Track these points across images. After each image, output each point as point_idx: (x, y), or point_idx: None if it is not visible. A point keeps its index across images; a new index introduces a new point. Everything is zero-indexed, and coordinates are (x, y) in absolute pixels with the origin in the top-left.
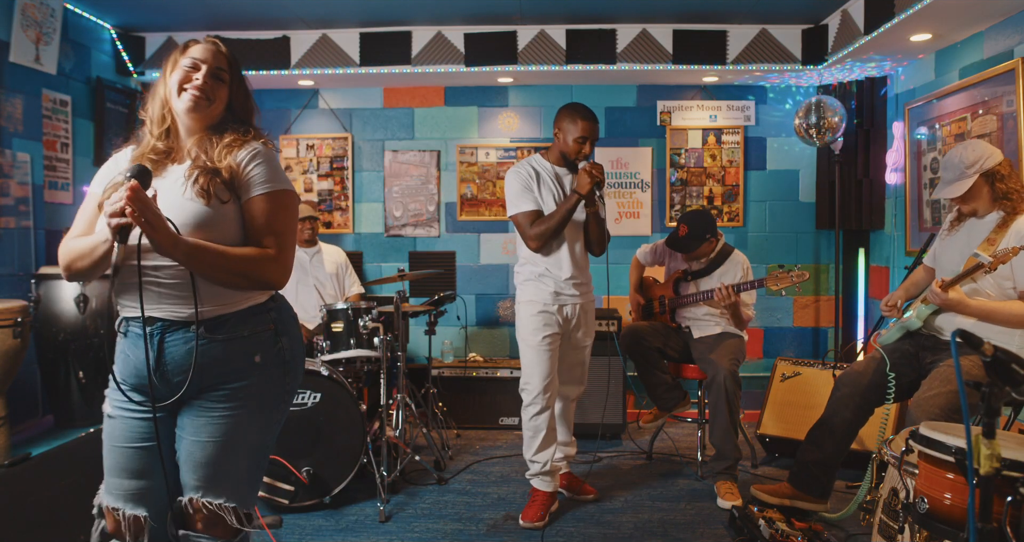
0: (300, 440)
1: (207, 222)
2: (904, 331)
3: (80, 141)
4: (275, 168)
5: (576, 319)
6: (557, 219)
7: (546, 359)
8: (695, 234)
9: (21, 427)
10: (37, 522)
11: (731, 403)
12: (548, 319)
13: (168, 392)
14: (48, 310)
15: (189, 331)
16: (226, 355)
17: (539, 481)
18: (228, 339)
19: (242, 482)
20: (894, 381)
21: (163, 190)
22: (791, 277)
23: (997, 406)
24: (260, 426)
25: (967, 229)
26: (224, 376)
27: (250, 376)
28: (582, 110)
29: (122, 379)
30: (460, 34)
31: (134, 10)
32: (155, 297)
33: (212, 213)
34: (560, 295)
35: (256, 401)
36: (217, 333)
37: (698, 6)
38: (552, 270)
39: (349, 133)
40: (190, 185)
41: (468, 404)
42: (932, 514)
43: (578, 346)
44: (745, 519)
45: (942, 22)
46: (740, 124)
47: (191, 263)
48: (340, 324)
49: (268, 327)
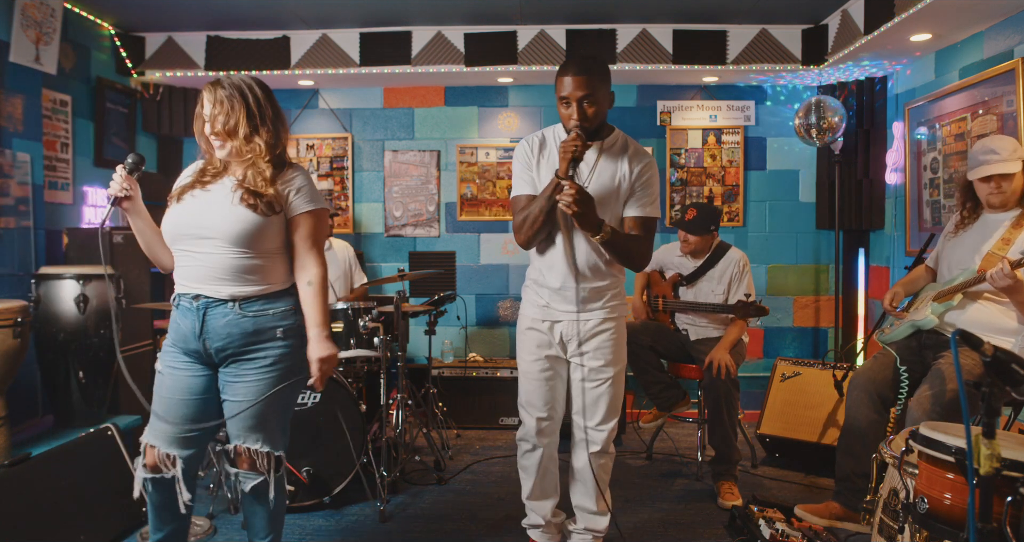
0: (300, 440)
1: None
2: (915, 329)
3: (80, 141)
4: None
5: (578, 341)
6: (533, 208)
7: (539, 387)
8: (701, 220)
9: (21, 427)
10: (37, 522)
11: (729, 405)
12: (540, 338)
13: (209, 357)
14: (48, 310)
15: (227, 306)
16: (255, 328)
17: (536, 534)
18: (257, 316)
19: (276, 431)
20: (907, 377)
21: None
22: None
23: (997, 406)
24: (286, 385)
25: (979, 227)
26: (254, 346)
27: (275, 346)
28: (565, 63)
29: (172, 343)
30: (460, 34)
31: (134, 10)
32: (202, 277)
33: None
34: (550, 309)
35: (283, 368)
36: (247, 309)
37: (698, 6)
38: (545, 275)
39: (349, 133)
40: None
41: (468, 404)
42: (932, 514)
43: (587, 379)
44: (745, 519)
45: (942, 22)
46: (740, 124)
47: None
48: (340, 324)
49: (290, 307)
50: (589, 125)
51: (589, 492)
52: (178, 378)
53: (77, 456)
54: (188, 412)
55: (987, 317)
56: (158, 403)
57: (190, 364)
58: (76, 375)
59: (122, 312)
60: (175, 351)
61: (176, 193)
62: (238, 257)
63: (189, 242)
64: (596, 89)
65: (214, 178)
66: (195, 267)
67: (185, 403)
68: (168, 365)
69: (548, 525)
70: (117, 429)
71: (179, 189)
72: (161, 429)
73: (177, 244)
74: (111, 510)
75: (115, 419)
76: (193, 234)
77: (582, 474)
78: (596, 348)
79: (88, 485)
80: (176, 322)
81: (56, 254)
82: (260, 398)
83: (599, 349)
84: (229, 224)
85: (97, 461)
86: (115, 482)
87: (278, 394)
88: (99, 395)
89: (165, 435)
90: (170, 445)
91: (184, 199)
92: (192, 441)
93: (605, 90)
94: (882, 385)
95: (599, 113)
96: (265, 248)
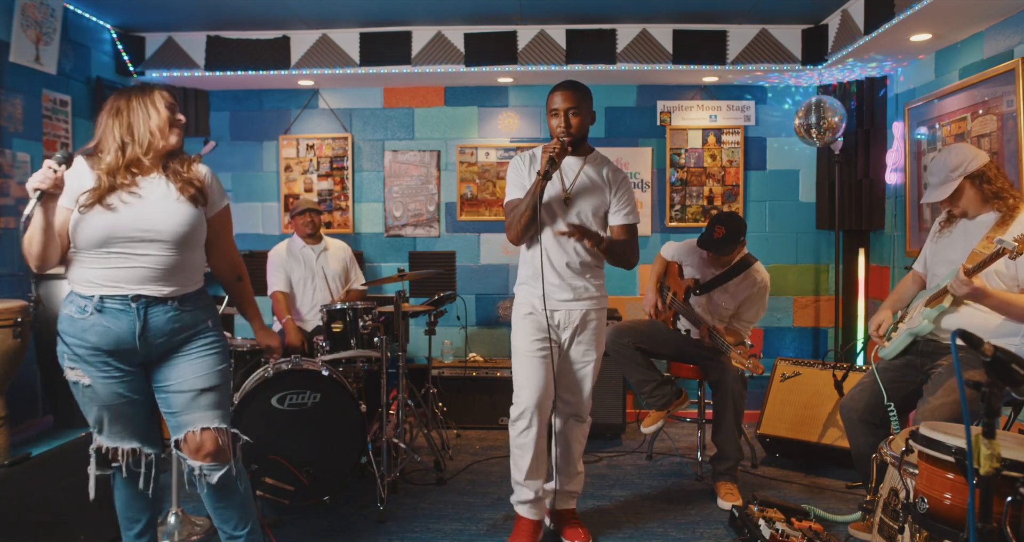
0: (300, 440)
1: (198, 221)
2: (912, 337)
3: (80, 141)
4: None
5: (572, 329)
6: (521, 206)
7: (538, 367)
8: (731, 237)
9: (21, 427)
10: (37, 522)
11: (737, 405)
12: (538, 322)
13: (146, 354)
14: (48, 310)
15: (166, 304)
16: (193, 321)
17: (525, 509)
18: (192, 310)
19: (228, 409)
20: (895, 412)
21: (150, 198)
22: (747, 363)
23: (997, 406)
24: (224, 366)
25: (961, 231)
26: (191, 335)
27: (209, 332)
28: (556, 85)
29: (96, 348)
30: (460, 34)
31: (134, 10)
32: (141, 278)
33: (200, 213)
34: (548, 299)
35: (219, 347)
36: (185, 305)
37: (698, 6)
38: (540, 271)
39: (349, 133)
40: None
41: (468, 404)
42: (932, 514)
43: (575, 361)
44: (745, 519)
45: (942, 22)
46: (740, 124)
47: None
48: (340, 324)
49: (210, 300)
50: (573, 132)
51: (569, 456)
52: (113, 383)
53: (77, 456)
54: (133, 410)
55: (983, 318)
56: (102, 412)
57: (119, 367)
58: None
59: None
60: (97, 358)
61: (94, 198)
62: (178, 255)
63: (124, 245)
64: (580, 104)
65: (133, 179)
66: (132, 269)
67: (132, 403)
68: (98, 375)
69: (537, 501)
70: None
71: (96, 193)
72: (116, 431)
73: (107, 247)
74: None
75: None
76: (133, 237)
77: (566, 440)
78: (586, 336)
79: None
80: (101, 325)
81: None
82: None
83: (588, 337)
84: (174, 224)
85: None
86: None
87: (222, 372)
88: None
89: (121, 435)
90: (131, 441)
91: (112, 204)
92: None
93: (588, 107)
94: (875, 408)
95: (582, 125)
96: (196, 243)
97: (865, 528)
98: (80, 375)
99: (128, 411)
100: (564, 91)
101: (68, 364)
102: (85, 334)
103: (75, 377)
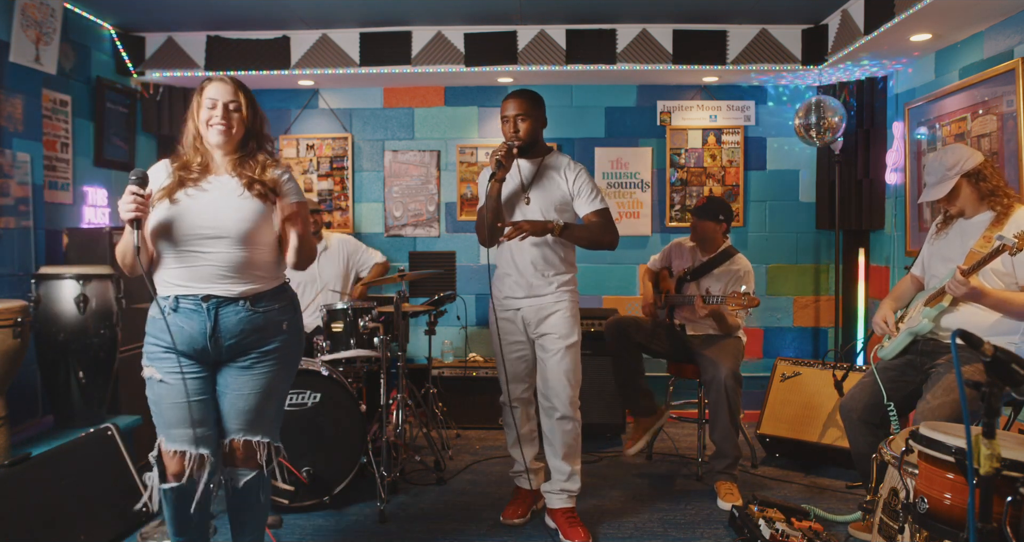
0: (300, 440)
1: (263, 218)
2: (912, 337)
3: (80, 141)
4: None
5: (538, 323)
6: (485, 208)
7: (512, 366)
8: (708, 206)
9: (21, 427)
10: (37, 522)
11: (732, 402)
12: (507, 326)
13: (217, 355)
14: (48, 310)
15: (237, 305)
16: (265, 323)
17: (519, 479)
18: (266, 311)
19: (274, 421)
20: (894, 412)
21: (214, 194)
22: (743, 300)
23: (997, 406)
24: (286, 377)
25: (957, 231)
26: (262, 340)
27: (280, 339)
28: (506, 96)
29: (167, 348)
30: (460, 34)
31: (134, 10)
32: (211, 277)
33: (267, 209)
34: (511, 298)
35: (285, 358)
36: (258, 306)
37: (698, 6)
38: (504, 270)
39: (349, 133)
40: (245, 188)
41: (468, 404)
42: (932, 514)
43: (547, 350)
44: (745, 519)
45: (942, 22)
46: (740, 124)
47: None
48: (340, 324)
49: (290, 302)
50: (522, 136)
51: (557, 454)
52: (183, 382)
53: (77, 456)
54: (202, 412)
55: (983, 316)
56: (169, 410)
57: (191, 366)
58: (76, 375)
59: (122, 312)
60: (170, 356)
61: (164, 193)
62: (247, 253)
63: (197, 243)
64: (528, 110)
65: (201, 175)
66: (201, 267)
67: (199, 404)
68: (167, 371)
69: (528, 471)
70: (117, 429)
71: (166, 189)
72: (181, 434)
73: (183, 245)
74: (111, 510)
75: (115, 419)
76: (203, 234)
77: (550, 439)
78: (551, 326)
79: (88, 485)
80: (176, 325)
81: (56, 254)
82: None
83: (554, 326)
84: (238, 219)
85: (97, 461)
86: (115, 482)
87: (280, 386)
88: (99, 395)
89: (188, 438)
90: (197, 446)
91: (179, 199)
92: (211, 439)
93: (537, 114)
94: (875, 408)
95: (531, 130)
96: (264, 241)
97: (865, 528)
98: (153, 372)
99: (198, 413)
100: (514, 99)
101: (145, 362)
102: (163, 334)
103: (149, 374)
